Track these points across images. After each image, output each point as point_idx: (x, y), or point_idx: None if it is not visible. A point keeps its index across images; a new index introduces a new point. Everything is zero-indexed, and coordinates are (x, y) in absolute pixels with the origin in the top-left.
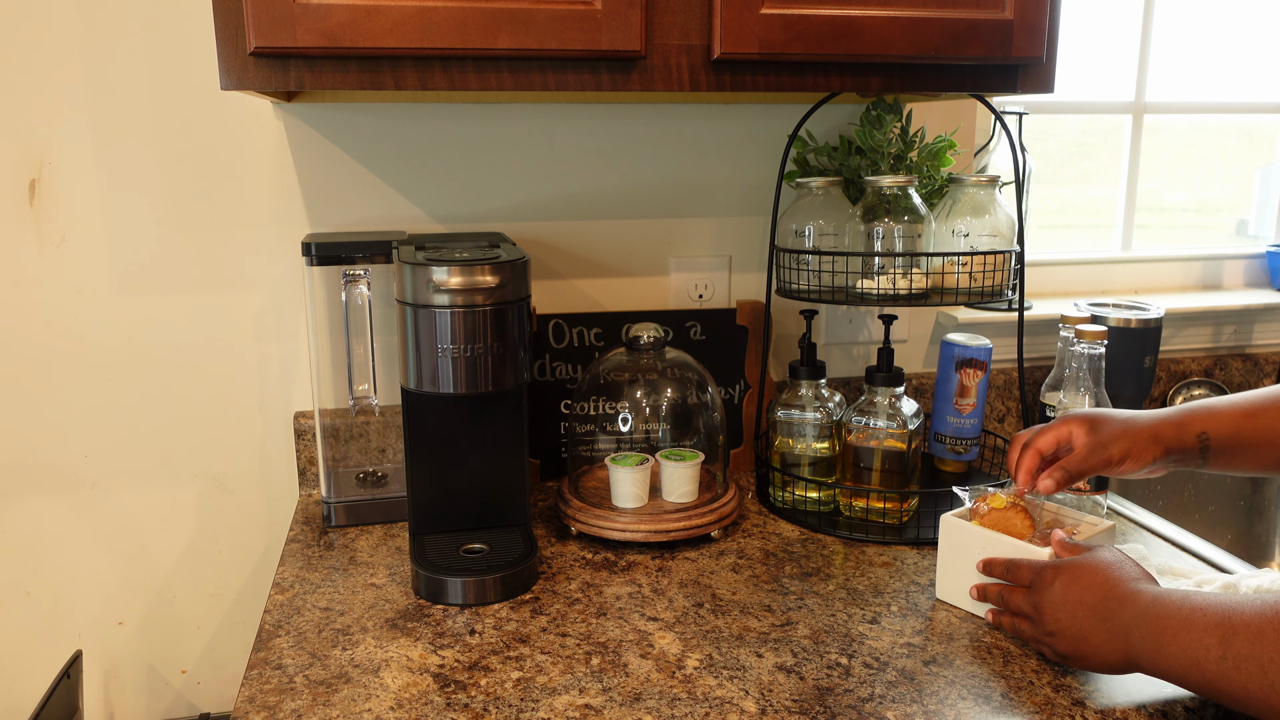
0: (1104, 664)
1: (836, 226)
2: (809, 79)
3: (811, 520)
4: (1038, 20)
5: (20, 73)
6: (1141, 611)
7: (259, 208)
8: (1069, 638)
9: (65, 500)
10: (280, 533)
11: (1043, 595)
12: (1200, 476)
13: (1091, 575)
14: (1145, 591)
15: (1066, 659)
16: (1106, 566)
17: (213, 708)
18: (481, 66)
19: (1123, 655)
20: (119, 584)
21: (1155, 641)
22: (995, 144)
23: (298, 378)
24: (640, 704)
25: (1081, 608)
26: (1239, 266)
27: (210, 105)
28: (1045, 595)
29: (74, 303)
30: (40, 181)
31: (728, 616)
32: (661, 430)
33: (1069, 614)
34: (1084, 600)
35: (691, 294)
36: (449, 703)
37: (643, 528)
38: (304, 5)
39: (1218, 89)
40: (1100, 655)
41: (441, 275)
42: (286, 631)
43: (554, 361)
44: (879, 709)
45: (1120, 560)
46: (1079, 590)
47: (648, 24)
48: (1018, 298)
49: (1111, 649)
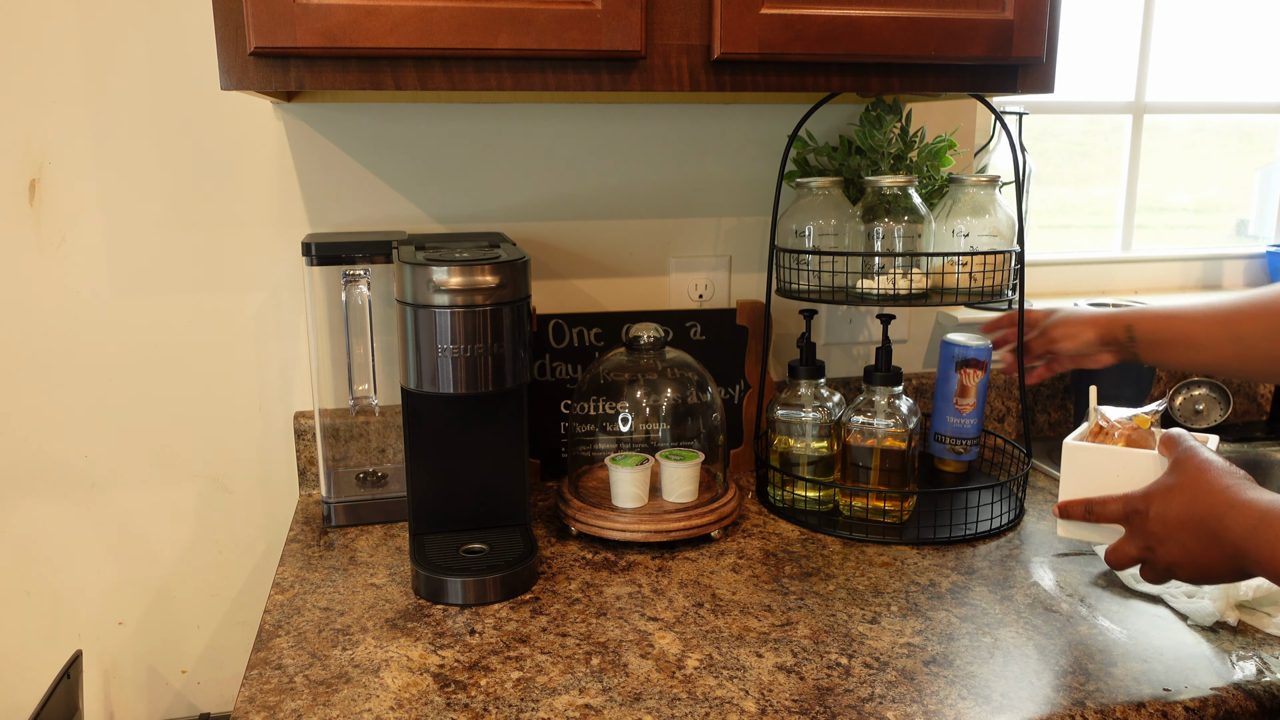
0: (1227, 579)
1: (836, 226)
2: (809, 79)
3: (811, 520)
4: (1038, 20)
5: (20, 73)
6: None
7: (259, 208)
8: (1187, 568)
9: (65, 500)
10: (280, 533)
11: (1146, 528)
12: None
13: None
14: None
15: (1193, 582)
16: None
17: (213, 708)
18: (481, 66)
19: (1240, 570)
20: (119, 584)
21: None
22: (995, 144)
23: (298, 378)
24: (640, 704)
25: (1187, 532)
26: (1239, 266)
27: (210, 105)
28: (1147, 529)
29: (74, 303)
30: (40, 181)
31: (728, 616)
32: (661, 430)
33: (1179, 546)
34: (1187, 523)
35: (691, 294)
36: (449, 703)
37: (643, 528)
38: (304, 5)
39: (1218, 89)
40: (1221, 574)
41: (441, 275)
42: (286, 631)
43: (554, 361)
44: (879, 709)
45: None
46: (1178, 509)
47: (648, 24)
48: (1018, 298)
49: (1230, 568)
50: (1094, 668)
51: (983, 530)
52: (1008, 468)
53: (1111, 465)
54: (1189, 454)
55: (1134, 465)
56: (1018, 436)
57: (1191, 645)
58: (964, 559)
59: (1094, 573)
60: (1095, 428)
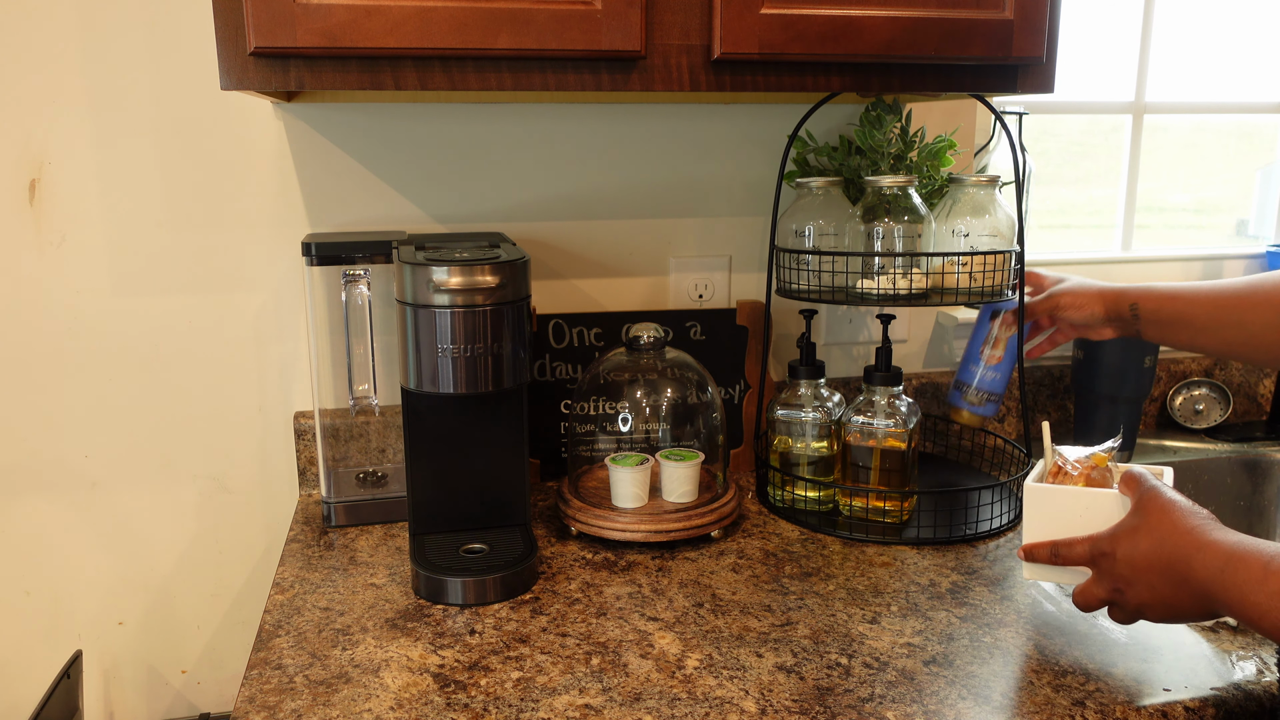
0: (1196, 619)
1: (836, 226)
2: (809, 79)
3: (811, 520)
4: (1038, 20)
5: (20, 73)
6: (1219, 569)
7: (259, 208)
8: (1157, 610)
9: (65, 500)
10: (280, 533)
11: (1114, 570)
12: (1201, 477)
13: (1149, 536)
14: (1217, 544)
15: (1163, 622)
16: (1158, 524)
17: (213, 708)
18: (481, 66)
19: (1209, 612)
20: (119, 584)
21: (1239, 593)
22: (995, 144)
23: (298, 378)
24: (640, 704)
25: (1155, 574)
26: (1239, 267)
27: (210, 105)
28: (1115, 571)
29: (74, 303)
30: (40, 181)
31: (728, 616)
32: (661, 430)
33: (1148, 588)
34: (1155, 565)
35: (691, 294)
36: (449, 703)
37: (643, 528)
38: (304, 5)
39: (1218, 89)
40: (1190, 615)
41: (441, 275)
42: (286, 631)
43: (554, 361)
44: (879, 709)
45: (1173, 504)
46: (1145, 551)
47: (648, 24)
48: (1018, 298)
49: (1199, 610)
50: (1094, 668)
51: (983, 530)
52: (1008, 468)
53: (1074, 506)
54: (1152, 494)
55: (1096, 505)
56: (1018, 436)
57: (1191, 645)
58: (964, 559)
59: None
60: (1054, 467)
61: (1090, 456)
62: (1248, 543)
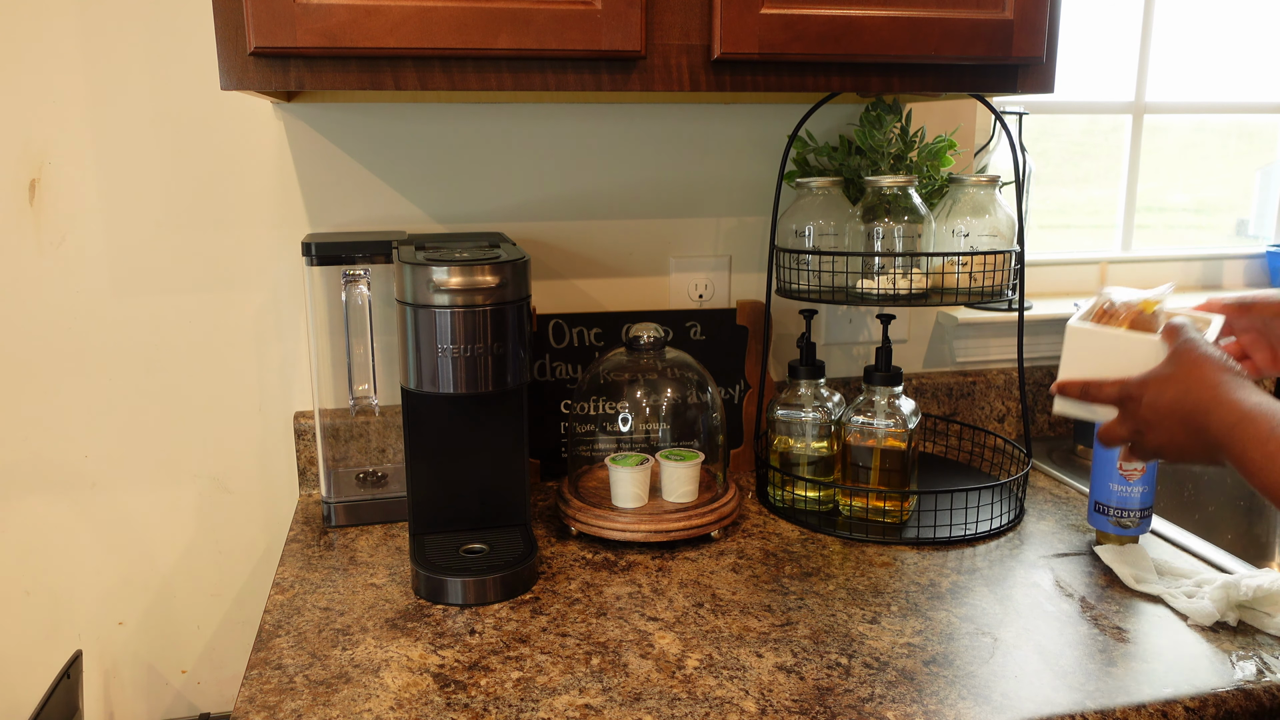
0: (1205, 464)
1: (836, 226)
2: (809, 79)
3: (811, 520)
4: (1038, 20)
5: (20, 73)
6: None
7: (259, 208)
8: (1171, 453)
9: (65, 500)
10: (280, 533)
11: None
12: (1200, 475)
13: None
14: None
15: (1175, 463)
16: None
17: (213, 708)
18: (481, 66)
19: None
20: (119, 584)
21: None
22: (995, 144)
23: (298, 378)
24: (640, 704)
25: (1175, 421)
26: (1239, 266)
27: (210, 105)
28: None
29: (74, 303)
30: (40, 181)
31: (728, 616)
32: (661, 430)
33: (1166, 433)
34: (1176, 413)
35: (691, 294)
36: (449, 703)
37: (643, 528)
38: (304, 5)
39: (1218, 89)
40: (1200, 461)
41: (441, 275)
42: (286, 631)
43: (554, 361)
44: (879, 709)
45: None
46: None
47: (648, 24)
48: (1018, 298)
49: (1208, 458)
50: (1094, 668)
51: (983, 530)
52: (1008, 468)
53: (1113, 348)
54: (1188, 346)
55: (1135, 350)
56: (1018, 436)
57: (1191, 645)
58: (964, 559)
59: (1094, 573)
60: (1100, 309)
61: (1140, 301)
62: (1263, 405)
